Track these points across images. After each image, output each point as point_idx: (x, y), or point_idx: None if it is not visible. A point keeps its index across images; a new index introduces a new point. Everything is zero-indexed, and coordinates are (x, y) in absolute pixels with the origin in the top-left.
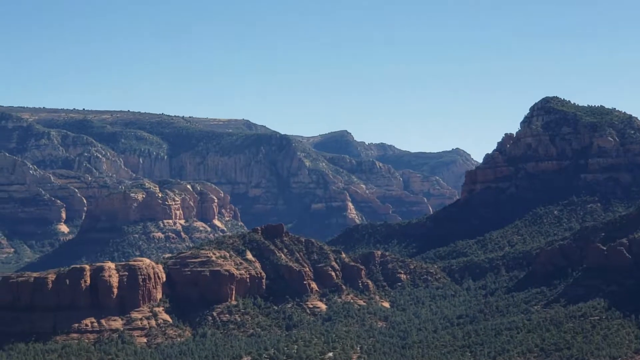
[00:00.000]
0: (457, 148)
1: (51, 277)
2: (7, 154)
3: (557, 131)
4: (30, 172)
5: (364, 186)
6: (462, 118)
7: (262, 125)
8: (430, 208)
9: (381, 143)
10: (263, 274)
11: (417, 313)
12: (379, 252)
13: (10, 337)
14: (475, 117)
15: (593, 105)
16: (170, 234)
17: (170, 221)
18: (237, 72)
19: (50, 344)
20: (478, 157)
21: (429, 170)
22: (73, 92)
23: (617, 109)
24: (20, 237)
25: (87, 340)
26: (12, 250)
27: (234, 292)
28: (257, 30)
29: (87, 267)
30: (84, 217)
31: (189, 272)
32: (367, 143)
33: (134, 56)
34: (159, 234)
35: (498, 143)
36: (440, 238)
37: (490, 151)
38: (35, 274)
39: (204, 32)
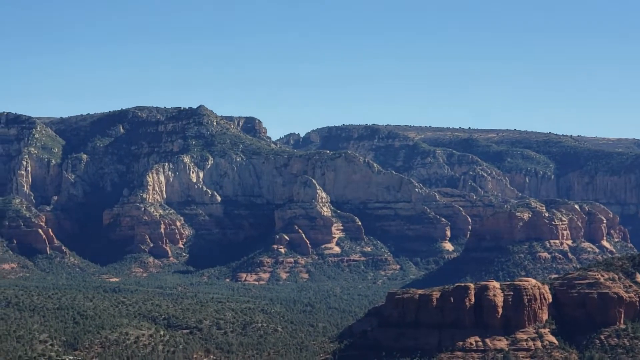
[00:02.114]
0: None
1: (436, 294)
2: (394, 172)
3: None
4: (416, 190)
5: None
6: None
7: None
8: None
9: None
10: None
11: None
12: None
13: (396, 352)
14: None
15: None
16: (556, 254)
17: (557, 241)
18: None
19: None
20: None
21: None
22: (459, 111)
23: None
24: (405, 254)
25: (471, 359)
26: (398, 267)
27: (622, 315)
28: None
29: (472, 285)
30: (468, 235)
31: (575, 294)
32: None
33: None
34: (545, 254)
35: None
36: None
37: None
38: (420, 291)
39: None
